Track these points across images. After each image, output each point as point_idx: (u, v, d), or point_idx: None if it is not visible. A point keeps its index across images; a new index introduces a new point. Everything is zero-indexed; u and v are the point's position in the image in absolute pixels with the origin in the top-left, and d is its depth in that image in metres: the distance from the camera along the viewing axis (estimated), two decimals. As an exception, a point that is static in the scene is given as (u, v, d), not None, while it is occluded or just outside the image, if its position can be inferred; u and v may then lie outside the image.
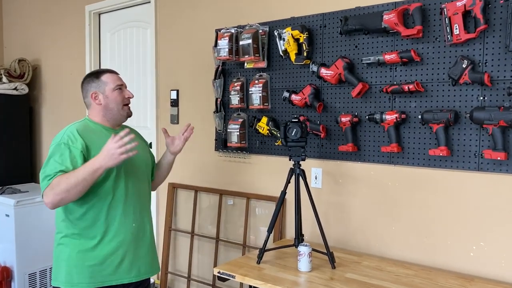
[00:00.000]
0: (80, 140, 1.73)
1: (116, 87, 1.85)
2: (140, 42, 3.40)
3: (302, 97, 2.36)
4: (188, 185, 3.02)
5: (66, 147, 1.70)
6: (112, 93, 1.85)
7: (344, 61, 2.20)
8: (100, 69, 1.90)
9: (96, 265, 1.78)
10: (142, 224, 1.90)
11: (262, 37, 2.52)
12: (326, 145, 2.36)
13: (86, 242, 1.78)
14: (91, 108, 1.87)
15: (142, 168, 1.94)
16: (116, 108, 1.86)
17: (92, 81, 1.85)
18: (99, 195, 1.77)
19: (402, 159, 2.11)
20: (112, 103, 1.85)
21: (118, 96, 1.86)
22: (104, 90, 1.84)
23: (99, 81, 1.85)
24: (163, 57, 3.20)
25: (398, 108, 2.10)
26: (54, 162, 1.68)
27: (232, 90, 2.66)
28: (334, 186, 2.36)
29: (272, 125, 2.50)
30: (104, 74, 1.86)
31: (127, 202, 1.83)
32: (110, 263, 1.80)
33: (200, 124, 2.95)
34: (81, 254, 1.77)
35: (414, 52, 2.00)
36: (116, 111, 1.86)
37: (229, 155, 2.78)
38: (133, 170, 1.89)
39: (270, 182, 2.61)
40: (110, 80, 1.86)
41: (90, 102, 1.86)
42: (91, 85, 1.85)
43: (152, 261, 1.96)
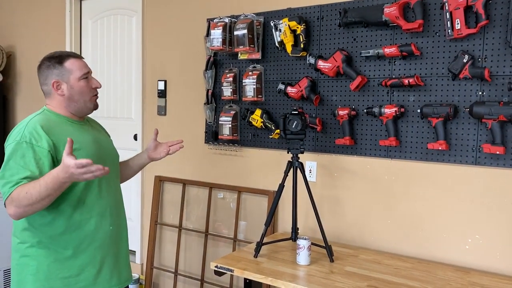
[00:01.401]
0: (45, 138, 1.47)
1: (82, 76, 1.61)
2: (125, 31, 3.27)
3: (298, 90, 2.31)
4: (176, 178, 2.93)
5: (28, 147, 1.44)
6: (78, 83, 1.60)
7: (342, 54, 2.16)
8: (61, 53, 1.62)
9: (71, 276, 1.54)
10: (120, 225, 1.70)
11: (257, 27, 2.45)
12: (322, 138, 2.32)
13: (57, 251, 1.53)
14: (52, 98, 1.61)
15: (113, 162, 1.73)
16: (82, 100, 1.61)
17: (54, 67, 1.58)
18: (68, 199, 1.53)
19: (400, 153, 2.09)
20: (77, 95, 1.60)
21: (85, 87, 1.61)
22: (68, 79, 1.59)
23: (62, 68, 1.58)
24: (150, 46, 3.09)
25: (397, 102, 2.08)
26: (16, 165, 1.42)
27: (224, 82, 2.59)
28: (329, 180, 2.33)
29: (266, 118, 2.45)
30: (67, 59, 1.59)
31: (101, 203, 1.61)
32: (88, 273, 1.57)
33: (189, 116, 2.86)
34: (53, 265, 1.52)
35: (414, 46, 1.98)
36: (82, 104, 1.62)
37: (220, 148, 2.71)
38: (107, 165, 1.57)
39: (262, 176, 2.56)
40: (76, 67, 1.60)
41: (50, 91, 1.60)
42: (52, 72, 1.58)
43: (129, 265, 1.78)
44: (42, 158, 1.45)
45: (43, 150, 1.46)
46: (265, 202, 2.55)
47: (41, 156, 1.45)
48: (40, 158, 1.44)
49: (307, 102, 2.35)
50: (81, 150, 1.54)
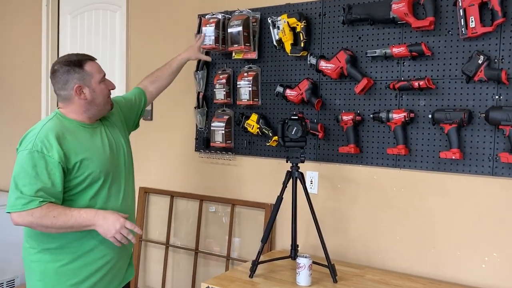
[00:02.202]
0: (56, 148, 1.61)
1: (102, 78, 1.77)
2: (107, 27, 3.27)
3: (298, 93, 2.32)
4: (163, 190, 2.92)
5: (40, 157, 1.59)
6: (99, 86, 1.75)
7: (347, 54, 2.18)
8: (77, 55, 1.76)
9: (79, 283, 1.70)
10: None
11: (253, 24, 2.47)
12: (324, 146, 2.33)
13: (65, 258, 1.69)
14: (70, 102, 1.74)
15: (125, 167, 1.88)
16: (103, 103, 1.78)
17: (74, 71, 1.71)
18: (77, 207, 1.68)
19: (409, 162, 2.10)
20: (99, 98, 1.76)
21: (105, 89, 1.78)
22: (90, 83, 1.73)
23: (83, 71, 1.72)
24: (135, 44, 3.09)
25: (406, 106, 2.09)
26: (28, 176, 1.58)
27: (217, 83, 2.59)
28: (332, 192, 2.33)
29: (263, 123, 2.45)
30: (86, 62, 1.74)
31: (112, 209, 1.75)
32: (95, 278, 1.74)
33: (178, 121, 2.86)
34: (61, 271, 1.68)
35: (425, 45, 2.00)
36: (102, 106, 1.79)
37: (212, 156, 2.71)
38: (118, 174, 1.81)
39: (259, 187, 2.56)
40: (95, 70, 1.75)
41: (70, 96, 1.73)
42: (74, 77, 1.71)
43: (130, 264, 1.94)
44: (53, 169, 1.60)
45: (54, 161, 1.60)
46: (261, 216, 2.55)
47: (52, 167, 1.60)
48: (51, 169, 1.59)
49: (307, 106, 2.35)
50: (92, 160, 1.70)
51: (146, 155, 2.97)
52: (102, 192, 1.73)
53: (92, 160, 1.70)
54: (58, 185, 1.61)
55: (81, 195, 1.69)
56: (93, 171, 1.70)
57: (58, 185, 1.61)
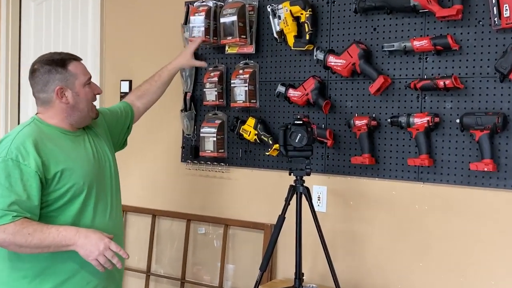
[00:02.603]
0: (33, 155, 1.64)
1: (87, 81, 1.81)
2: (78, 17, 3.28)
3: (302, 93, 2.33)
4: (144, 208, 2.92)
5: (15, 166, 1.61)
6: (83, 90, 1.79)
7: (360, 48, 2.19)
8: (61, 54, 1.80)
9: None
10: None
11: (250, 13, 2.48)
12: (334, 156, 2.33)
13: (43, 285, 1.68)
14: (50, 107, 1.78)
15: (111, 181, 1.91)
16: (86, 109, 1.82)
17: (56, 72, 1.74)
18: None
19: (434, 175, 2.11)
20: (82, 103, 1.80)
21: (89, 93, 1.82)
22: (73, 85, 1.77)
23: (67, 72, 1.76)
24: (111, 37, 3.10)
25: (430, 110, 2.10)
26: (0, 187, 1.60)
27: (207, 82, 2.60)
28: (343, 210, 2.33)
29: (261, 129, 2.46)
30: (71, 62, 1.78)
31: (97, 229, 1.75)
32: None
33: (162, 127, 2.86)
34: None
35: (451, 38, 2.01)
36: (86, 113, 1.82)
37: (202, 168, 2.71)
38: (104, 187, 1.83)
39: (257, 205, 2.56)
40: (80, 71, 1.79)
41: (51, 99, 1.76)
42: (55, 77, 1.74)
43: None
44: (30, 179, 1.61)
45: (30, 170, 1.61)
46: (260, 239, 2.54)
47: (28, 177, 1.61)
48: (27, 180, 1.61)
49: (314, 109, 2.36)
50: (74, 171, 1.71)
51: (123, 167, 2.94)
52: (87, 208, 1.75)
53: (74, 171, 1.71)
54: (35, 198, 1.62)
55: (63, 211, 1.70)
56: (75, 182, 1.71)
57: (35, 198, 1.62)
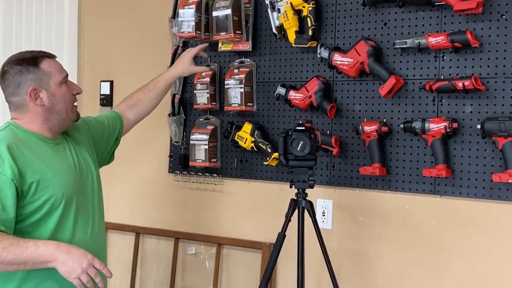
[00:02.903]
0: (9, 162, 1.65)
1: (63, 79, 1.83)
2: (53, 11, 3.29)
3: (305, 95, 2.34)
4: (126, 225, 2.92)
5: None
6: (59, 89, 1.81)
7: (368, 45, 2.21)
8: (32, 52, 1.83)
9: None
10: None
11: (245, 6, 2.50)
12: (340, 165, 2.34)
13: None
14: (25, 111, 1.80)
15: (94, 193, 1.93)
16: (65, 111, 1.83)
17: (28, 71, 1.76)
18: None
19: (452, 187, 2.12)
20: (60, 104, 1.81)
21: (67, 93, 1.84)
22: (47, 85, 1.79)
23: (39, 71, 1.78)
24: (90, 33, 3.11)
25: (447, 114, 2.12)
26: None
27: (198, 83, 2.61)
28: (351, 227, 2.34)
29: (259, 136, 2.47)
30: (43, 60, 1.80)
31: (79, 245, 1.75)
32: None
33: (147, 133, 2.86)
34: None
35: (470, 34, 2.03)
36: (64, 115, 1.84)
37: (192, 179, 2.71)
38: (85, 201, 1.84)
39: (254, 221, 2.56)
40: (54, 69, 1.81)
41: (24, 102, 1.78)
42: (27, 78, 1.76)
43: None
44: (5, 188, 1.63)
45: (6, 178, 1.63)
46: (257, 260, 2.54)
47: (3, 186, 1.63)
48: (2, 189, 1.62)
49: (318, 113, 2.37)
50: (52, 181, 1.72)
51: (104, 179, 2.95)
52: (65, 224, 1.76)
53: (52, 181, 1.73)
54: (10, 210, 1.63)
55: (39, 226, 1.71)
56: (53, 194, 1.72)
57: (10, 210, 1.63)
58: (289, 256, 2.28)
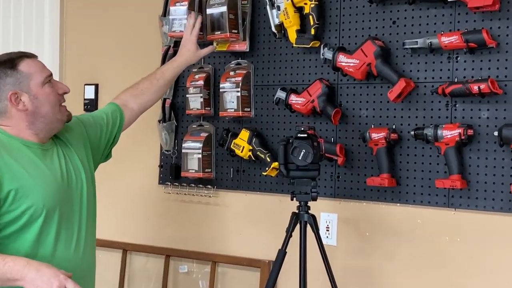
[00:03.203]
0: None
1: (45, 79, 1.83)
2: (32, 8, 3.29)
3: (307, 100, 2.35)
4: (112, 241, 2.91)
5: None
6: (42, 90, 1.82)
7: (376, 45, 2.21)
8: (9, 54, 1.84)
9: None
10: None
11: (242, 3, 2.51)
12: (346, 176, 2.35)
13: None
14: (8, 117, 1.81)
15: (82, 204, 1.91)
16: (51, 113, 1.83)
17: (6, 75, 1.78)
18: None
19: (468, 199, 2.12)
20: (45, 106, 1.82)
21: (51, 94, 1.84)
22: (28, 87, 1.79)
23: (18, 73, 1.79)
24: (73, 33, 3.12)
25: (462, 120, 2.12)
26: None
27: (191, 87, 2.62)
28: (358, 243, 2.34)
29: (257, 144, 2.47)
30: (21, 61, 1.80)
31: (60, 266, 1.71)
32: None
33: (135, 141, 2.85)
34: None
35: (487, 33, 2.03)
36: (51, 117, 1.84)
37: (184, 191, 2.71)
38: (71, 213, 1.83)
39: (251, 237, 2.56)
40: (34, 69, 1.82)
41: (6, 108, 1.79)
42: (6, 82, 1.78)
43: None
44: None
45: None
46: (255, 279, 2.54)
47: None
48: None
49: (321, 119, 2.38)
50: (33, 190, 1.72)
51: (88, 191, 2.97)
52: (47, 237, 1.76)
53: (33, 190, 1.73)
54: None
55: (17, 238, 1.71)
56: (33, 204, 1.72)
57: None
58: (290, 275, 2.27)
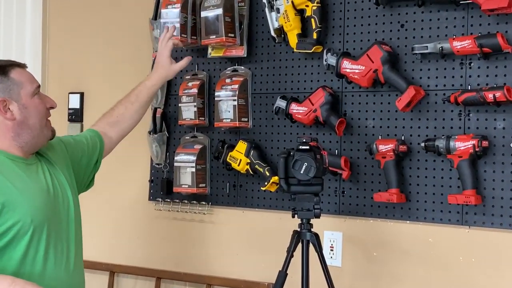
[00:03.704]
0: None
1: (35, 90, 1.87)
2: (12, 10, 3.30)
3: (309, 109, 2.35)
4: (99, 262, 2.90)
5: None
6: (32, 101, 1.86)
7: (383, 50, 2.22)
8: (0, 61, 1.88)
9: None
10: None
11: (239, 5, 2.52)
12: (351, 191, 2.34)
13: None
14: None
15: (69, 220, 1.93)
16: (38, 125, 1.87)
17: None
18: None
19: (483, 216, 2.12)
20: (33, 117, 1.85)
21: (40, 106, 1.88)
22: (18, 96, 1.83)
23: (9, 80, 1.83)
24: (57, 38, 3.13)
25: (476, 130, 2.13)
26: None
27: (183, 95, 2.63)
28: (364, 263, 2.33)
29: (255, 157, 2.47)
30: (13, 69, 1.85)
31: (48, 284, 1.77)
32: None
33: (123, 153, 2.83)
34: None
35: (502, 37, 2.04)
36: (38, 130, 1.87)
37: (176, 208, 2.71)
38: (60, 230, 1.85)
39: (249, 257, 2.55)
40: (25, 79, 1.86)
41: None
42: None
43: None
44: None
45: None
46: (253, 303, 2.53)
47: None
48: None
49: (324, 129, 2.38)
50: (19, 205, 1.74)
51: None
52: (35, 255, 1.77)
53: (20, 205, 1.75)
54: None
55: (3, 256, 1.73)
56: (20, 219, 1.73)
57: None
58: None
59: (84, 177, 2.14)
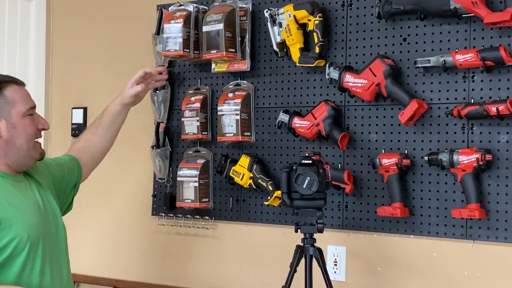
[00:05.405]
0: None
1: (28, 110, 1.88)
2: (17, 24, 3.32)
3: (312, 123, 2.35)
4: (101, 278, 2.91)
5: None
6: (22, 121, 1.86)
7: (385, 64, 2.22)
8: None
9: None
10: None
11: (241, 20, 2.53)
12: (354, 206, 2.34)
13: None
14: None
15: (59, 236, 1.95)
16: (26, 146, 1.87)
17: None
18: None
19: (488, 230, 2.10)
20: (20, 138, 1.86)
21: (30, 127, 1.88)
22: (9, 114, 1.84)
23: (1, 97, 1.84)
24: (60, 52, 3.14)
25: (479, 144, 2.12)
26: None
27: (186, 110, 2.63)
28: (368, 278, 2.33)
29: (258, 171, 2.47)
30: (8, 86, 1.86)
31: None
32: None
33: (126, 168, 2.87)
34: None
35: (505, 50, 2.03)
36: (26, 151, 1.88)
37: (179, 223, 2.71)
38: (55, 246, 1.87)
39: (252, 272, 2.55)
40: (19, 97, 1.87)
41: None
42: None
43: None
44: None
45: None
46: (257, 319, 2.53)
47: None
48: None
49: (327, 143, 2.38)
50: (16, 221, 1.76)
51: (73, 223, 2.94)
52: (32, 270, 1.79)
53: (16, 221, 1.77)
54: None
55: (1, 273, 1.74)
56: (17, 235, 1.75)
57: None
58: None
59: (63, 198, 2.15)
